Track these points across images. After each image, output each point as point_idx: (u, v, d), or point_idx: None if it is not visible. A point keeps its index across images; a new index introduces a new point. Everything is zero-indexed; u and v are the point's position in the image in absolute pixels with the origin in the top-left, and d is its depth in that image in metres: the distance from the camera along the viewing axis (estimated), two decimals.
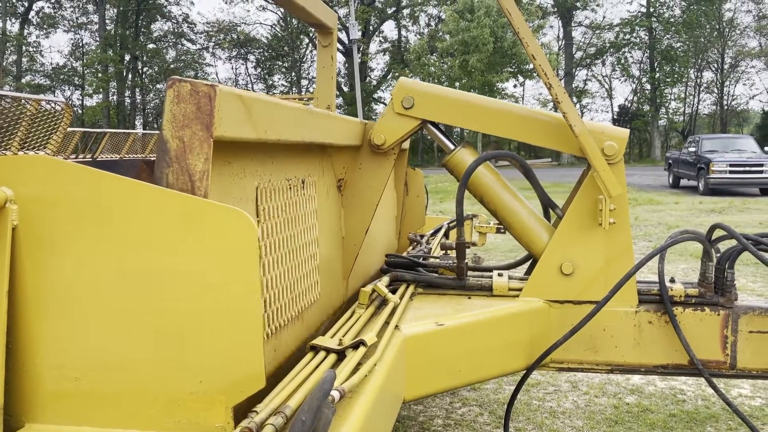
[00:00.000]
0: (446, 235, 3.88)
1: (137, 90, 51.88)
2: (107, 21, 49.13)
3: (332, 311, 2.32)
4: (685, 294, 2.41)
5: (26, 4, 48.76)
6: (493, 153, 2.53)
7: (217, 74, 52.15)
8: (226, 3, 69.36)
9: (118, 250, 1.28)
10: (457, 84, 29.41)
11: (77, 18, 51.04)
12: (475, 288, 2.48)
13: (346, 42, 34.54)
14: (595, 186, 2.35)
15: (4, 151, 3.73)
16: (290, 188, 1.92)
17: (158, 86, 52.37)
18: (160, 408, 1.29)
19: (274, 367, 1.71)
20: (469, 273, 2.58)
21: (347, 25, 25.71)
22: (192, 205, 1.25)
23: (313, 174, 2.15)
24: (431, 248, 3.28)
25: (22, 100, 3.68)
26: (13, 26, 48.75)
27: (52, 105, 3.98)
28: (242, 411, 1.36)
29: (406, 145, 3.76)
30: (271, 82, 53.03)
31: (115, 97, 49.66)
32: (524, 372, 2.40)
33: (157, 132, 11.65)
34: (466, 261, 2.51)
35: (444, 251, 3.17)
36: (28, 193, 1.31)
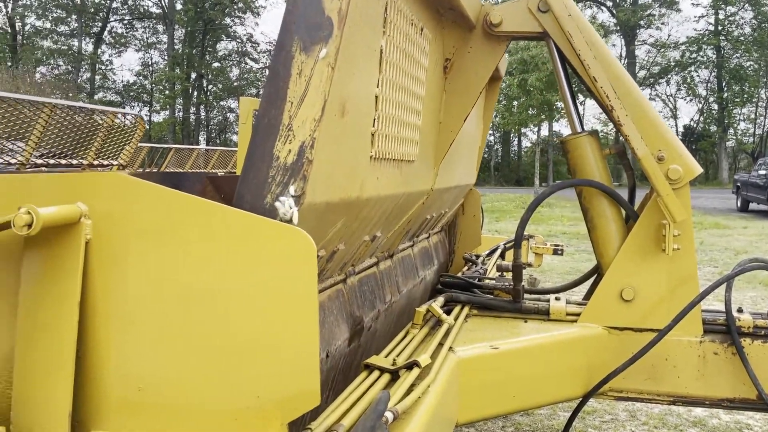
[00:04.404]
0: (502, 256, 3.83)
1: (201, 107, 53.62)
2: (175, 41, 51.14)
3: (420, 193, 2.35)
4: (753, 325, 2.30)
5: (100, 24, 51.33)
6: (575, 181, 2.44)
7: None
8: None
9: (182, 266, 1.32)
10: (515, 102, 29.20)
11: (147, 38, 53.35)
12: (531, 311, 2.44)
13: None
14: (658, 210, 2.28)
15: (81, 160, 3.93)
16: (412, 25, 1.95)
17: (221, 103, 54.00)
18: (218, 421, 1.32)
19: (374, 195, 1.77)
20: (526, 296, 2.55)
21: None
22: (254, 223, 1.28)
23: (429, 31, 2.16)
24: (487, 269, 3.25)
25: (100, 113, 3.89)
26: (87, 45, 51.36)
27: (126, 118, 4.18)
28: (297, 428, 1.38)
29: (503, 69, 3.64)
30: None
31: (180, 114, 51.48)
32: (581, 399, 2.34)
33: (220, 148, 12.00)
34: (522, 283, 2.48)
35: (500, 273, 3.14)
36: (102, 209, 1.37)
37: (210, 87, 54.07)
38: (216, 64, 53.41)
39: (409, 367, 1.77)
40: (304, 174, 1.32)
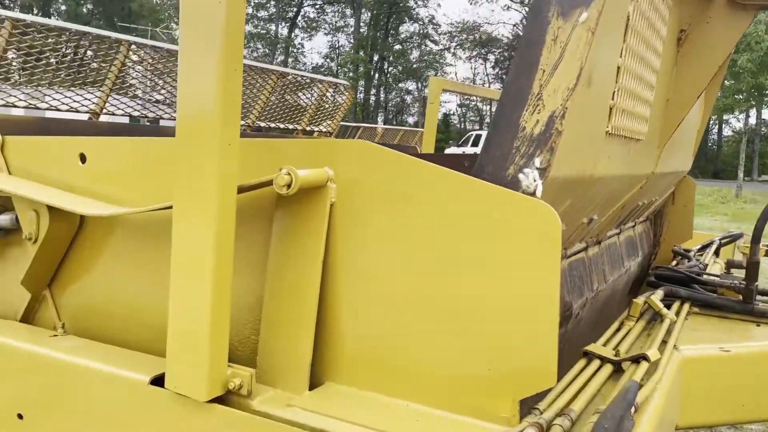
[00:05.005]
0: (716, 253, 3.48)
1: (381, 88, 55.36)
2: (361, 24, 53.18)
3: (640, 176, 2.22)
4: None
5: (295, 9, 54.87)
6: None
7: (456, 74, 53.45)
8: (471, 4, 70.69)
9: (421, 233, 1.34)
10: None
11: (336, 22, 56.07)
12: (767, 314, 2.18)
13: None
14: None
15: (296, 125, 4.23)
16: None
17: (400, 85, 55.31)
18: (447, 389, 1.33)
19: (604, 174, 1.73)
20: (758, 297, 2.28)
21: None
22: (496, 194, 1.26)
23: None
24: (705, 264, 2.97)
25: (318, 82, 4.16)
26: (283, 29, 55.21)
27: (336, 88, 4.43)
28: (523, 406, 1.35)
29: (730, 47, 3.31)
30: None
31: (362, 95, 53.62)
32: None
33: (404, 128, 12.28)
34: (756, 283, 2.22)
35: (727, 269, 2.85)
36: (346, 174, 1.43)
37: (390, 69, 55.57)
38: (397, 47, 54.71)
39: (636, 360, 1.66)
40: (552, 146, 1.27)
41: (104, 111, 2.99)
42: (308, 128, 4.34)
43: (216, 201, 1.29)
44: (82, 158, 1.76)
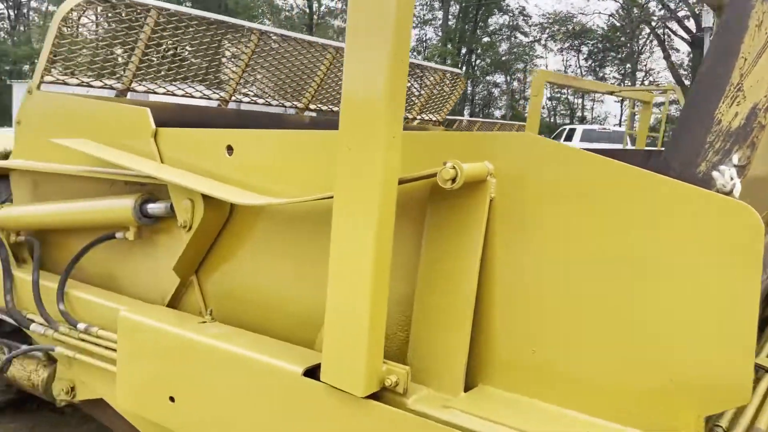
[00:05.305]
0: None
1: (469, 81, 54.71)
2: (450, 16, 52.69)
3: None
4: None
5: None
6: None
7: (546, 66, 51.95)
8: None
9: (595, 234, 1.26)
10: None
11: (424, 15, 55.79)
12: None
13: (694, 31, 31.13)
14: None
15: (406, 114, 4.20)
16: None
17: (487, 78, 54.43)
18: (619, 399, 1.25)
19: None
20: None
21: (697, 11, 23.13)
22: (689, 194, 1.16)
23: None
24: None
25: (431, 70, 4.10)
26: None
27: (450, 76, 4.35)
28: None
29: None
30: (601, 75, 50.94)
31: None
32: None
33: (500, 121, 12.01)
34: None
35: None
36: (507, 168, 1.37)
37: (478, 62, 54.78)
38: (486, 39, 53.82)
39: None
40: (753, 141, 1.16)
41: (232, 98, 3.07)
42: (418, 117, 4.29)
43: (379, 193, 1.27)
44: (229, 150, 1.79)
